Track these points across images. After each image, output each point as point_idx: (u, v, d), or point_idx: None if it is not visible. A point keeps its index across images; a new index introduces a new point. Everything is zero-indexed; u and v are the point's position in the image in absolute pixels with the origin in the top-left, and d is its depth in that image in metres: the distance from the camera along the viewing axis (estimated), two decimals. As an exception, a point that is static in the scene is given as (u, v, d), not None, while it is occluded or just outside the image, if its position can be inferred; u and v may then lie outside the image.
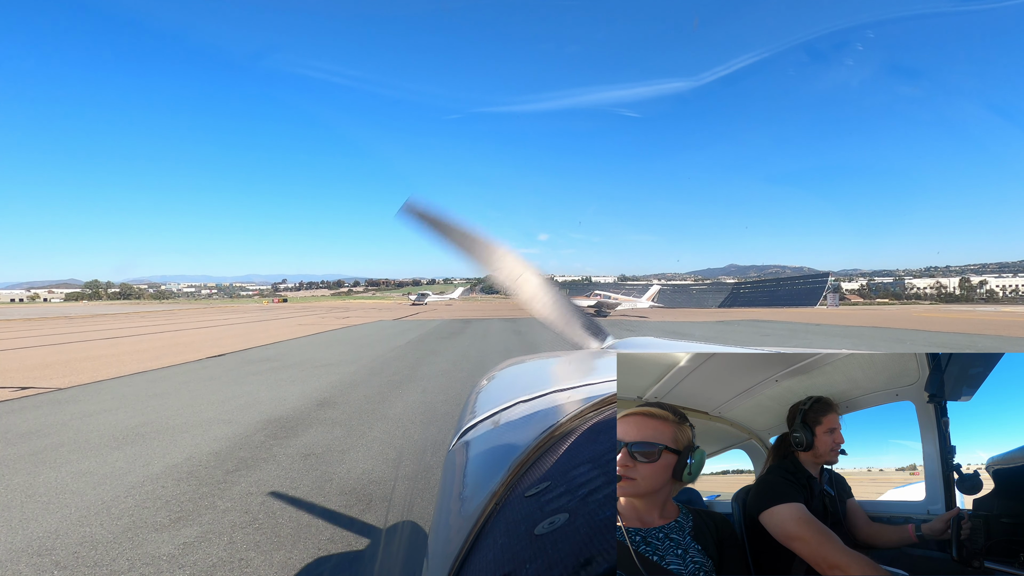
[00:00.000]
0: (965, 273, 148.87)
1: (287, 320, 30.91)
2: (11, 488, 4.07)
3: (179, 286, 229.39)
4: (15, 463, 4.67)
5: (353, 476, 4.24)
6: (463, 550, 0.48)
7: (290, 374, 9.66)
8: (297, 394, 7.70)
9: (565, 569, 0.36)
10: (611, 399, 0.71)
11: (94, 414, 6.52)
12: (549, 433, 0.65)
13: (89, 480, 4.21)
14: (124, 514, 3.55)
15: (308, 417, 6.26)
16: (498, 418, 0.85)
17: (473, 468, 0.70)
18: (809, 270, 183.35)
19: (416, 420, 6.09)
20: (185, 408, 6.80)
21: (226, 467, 4.48)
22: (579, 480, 0.48)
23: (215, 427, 5.81)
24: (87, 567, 2.88)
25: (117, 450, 5.00)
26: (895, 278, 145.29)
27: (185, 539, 3.18)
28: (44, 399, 7.52)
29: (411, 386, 8.30)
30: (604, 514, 0.41)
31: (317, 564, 2.91)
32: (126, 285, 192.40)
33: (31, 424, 6.06)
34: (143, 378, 9.37)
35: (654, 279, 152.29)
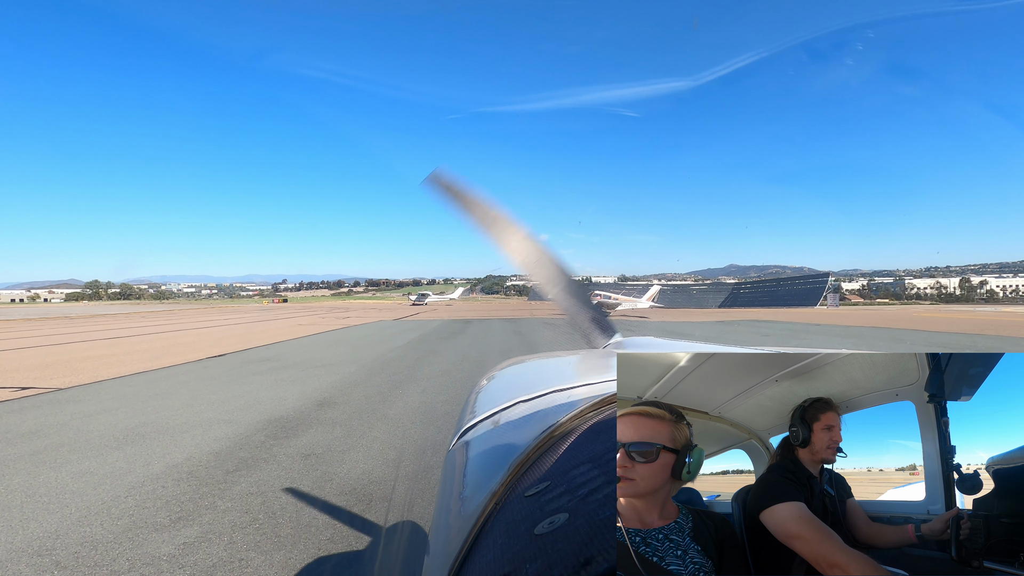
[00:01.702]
0: (965, 273, 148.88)
1: (287, 320, 30.91)
2: (11, 488, 4.07)
3: (179, 286, 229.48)
4: (15, 463, 4.67)
5: (353, 476, 4.24)
6: (463, 550, 0.48)
7: (290, 374, 9.66)
8: (297, 394, 7.70)
9: (565, 569, 0.36)
10: (611, 399, 0.71)
11: (94, 414, 6.52)
12: (549, 433, 0.65)
13: (89, 480, 4.21)
14: (124, 514, 3.55)
15: (308, 417, 6.26)
16: (498, 418, 0.85)
17: (473, 468, 0.70)
18: (809, 270, 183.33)
19: (416, 420, 6.09)
20: (185, 408, 6.81)
21: (226, 467, 4.48)
22: (579, 480, 0.48)
23: (215, 427, 5.81)
24: (87, 567, 2.88)
25: (117, 450, 5.00)
26: (895, 278, 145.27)
27: (185, 539, 3.18)
28: (44, 399, 7.53)
29: (411, 386, 8.30)
30: (604, 514, 0.41)
31: (317, 564, 2.91)
32: (126, 285, 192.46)
33: (31, 424, 6.07)
34: (143, 378, 9.37)
35: (654, 279, 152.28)
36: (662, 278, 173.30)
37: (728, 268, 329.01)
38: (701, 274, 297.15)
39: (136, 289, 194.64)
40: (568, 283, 1.60)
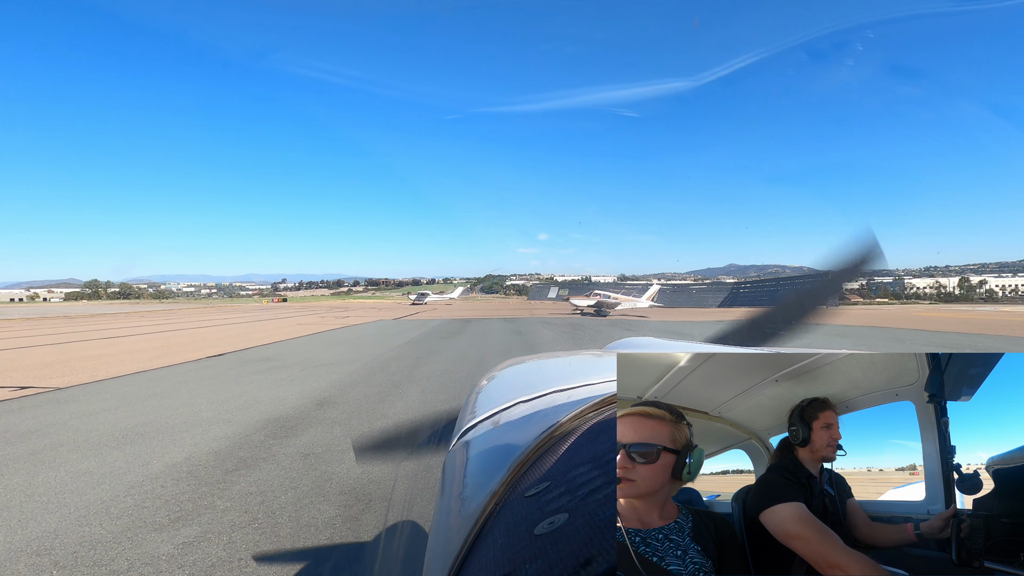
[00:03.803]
0: (965, 273, 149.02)
1: (286, 320, 30.90)
2: (10, 488, 4.06)
3: (179, 286, 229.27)
4: (14, 463, 4.67)
5: (353, 476, 4.24)
6: (463, 550, 0.48)
7: (289, 374, 9.65)
8: (297, 394, 7.70)
9: (565, 569, 0.36)
10: (611, 399, 0.71)
11: (93, 413, 6.52)
12: (549, 433, 0.65)
13: (88, 480, 4.21)
14: (123, 514, 3.55)
15: (308, 417, 6.26)
16: (498, 418, 0.85)
17: (473, 468, 0.70)
18: (809, 270, 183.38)
19: (416, 420, 6.09)
20: (184, 408, 6.80)
21: (226, 467, 4.48)
22: (579, 480, 0.48)
23: (215, 427, 5.81)
24: (86, 567, 2.88)
25: (116, 450, 5.00)
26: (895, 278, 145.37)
27: (184, 539, 3.18)
28: (43, 398, 7.52)
29: (411, 386, 8.29)
30: (604, 514, 0.41)
31: (317, 564, 2.91)
32: (125, 285, 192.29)
33: (30, 424, 6.06)
34: (142, 378, 9.37)
35: (654, 279, 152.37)
36: (662, 278, 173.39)
37: (728, 268, 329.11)
38: (701, 274, 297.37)
39: (135, 288, 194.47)
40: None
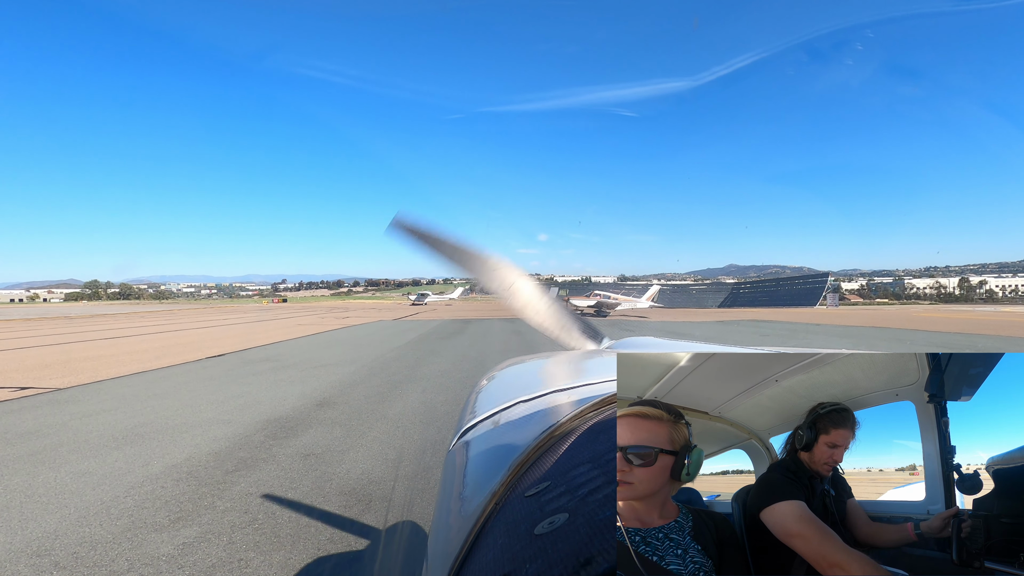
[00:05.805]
0: (965, 273, 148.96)
1: (286, 320, 30.89)
2: (10, 488, 4.06)
3: (179, 286, 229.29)
4: (14, 463, 4.67)
5: (353, 476, 4.24)
6: (463, 550, 0.48)
7: (289, 374, 9.65)
8: (297, 394, 7.69)
9: (565, 569, 0.36)
10: (611, 399, 0.71)
11: (93, 414, 6.52)
12: (549, 433, 0.65)
13: (88, 480, 4.21)
14: (123, 514, 3.55)
15: (308, 417, 6.26)
16: (498, 418, 0.85)
17: (473, 468, 0.70)
18: (809, 270, 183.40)
19: (416, 420, 6.09)
20: (185, 408, 6.80)
21: (226, 467, 4.48)
22: (579, 480, 0.48)
23: (215, 427, 5.81)
24: (86, 567, 2.88)
25: (116, 450, 5.00)
26: (895, 278, 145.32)
27: (184, 539, 3.17)
28: (44, 399, 7.52)
29: (411, 386, 8.29)
30: (604, 514, 0.41)
31: (317, 564, 2.91)
32: (126, 285, 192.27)
33: (30, 424, 6.06)
34: (143, 378, 9.37)
35: (654, 279, 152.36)
36: (662, 278, 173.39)
37: (728, 268, 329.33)
38: (700, 274, 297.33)
39: (135, 289, 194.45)
40: (549, 301, 1.61)
